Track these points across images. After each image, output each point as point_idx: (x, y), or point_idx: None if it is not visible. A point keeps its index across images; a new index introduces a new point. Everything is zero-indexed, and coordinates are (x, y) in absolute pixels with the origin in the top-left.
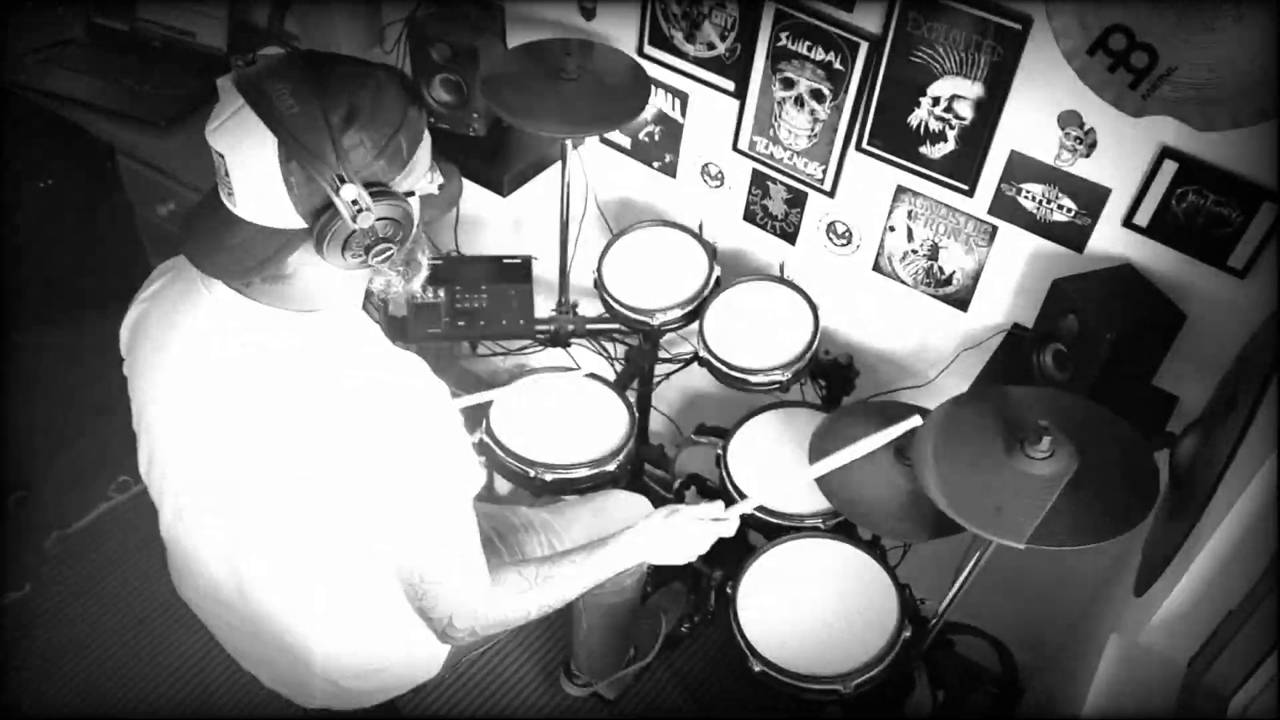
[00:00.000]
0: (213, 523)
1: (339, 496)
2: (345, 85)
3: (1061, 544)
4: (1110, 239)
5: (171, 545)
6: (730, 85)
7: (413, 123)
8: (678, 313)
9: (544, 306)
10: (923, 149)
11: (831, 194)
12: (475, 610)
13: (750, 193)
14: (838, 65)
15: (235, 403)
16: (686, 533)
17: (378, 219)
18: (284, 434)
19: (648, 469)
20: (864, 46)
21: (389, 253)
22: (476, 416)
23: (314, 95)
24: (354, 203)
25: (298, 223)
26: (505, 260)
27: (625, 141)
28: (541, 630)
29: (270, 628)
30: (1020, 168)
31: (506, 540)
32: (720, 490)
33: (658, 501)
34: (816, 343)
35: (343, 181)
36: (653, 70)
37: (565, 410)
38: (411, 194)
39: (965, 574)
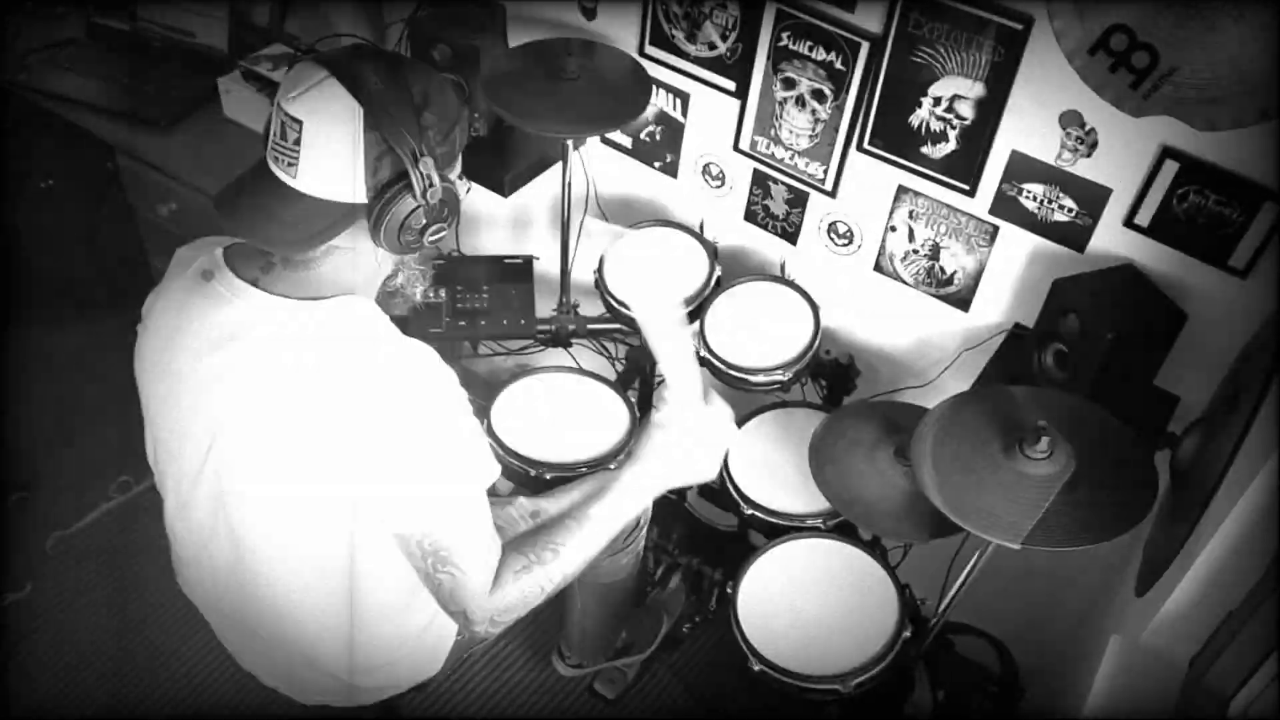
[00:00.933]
0: (217, 513)
1: (349, 486)
2: (419, 75)
3: (1059, 544)
4: (1111, 239)
5: (174, 535)
6: (731, 85)
7: (465, 121)
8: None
9: (545, 306)
10: (924, 149)
11: (833, 194)
12: (488, 605)
13: (751, 193)
14: (839, 65)
15: (243, 392)
16: (682, 446)
17: (439, 199)
18: (293, 424)
19: None
20: (865, 46)
21: (443, 233)
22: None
23: (396, 77)
24: (426, 177)
25: (359, 197)
26: (506, 260)
27: (626, 141)
28: (542, 619)
29: (270, 620)
30: (1021, 168)
31: (504, 534)
32: (721, 490)
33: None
34: (817, 342)
35: (420, 156)
36: (654, 70)
37: (566, 409)
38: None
39: (965, 574)
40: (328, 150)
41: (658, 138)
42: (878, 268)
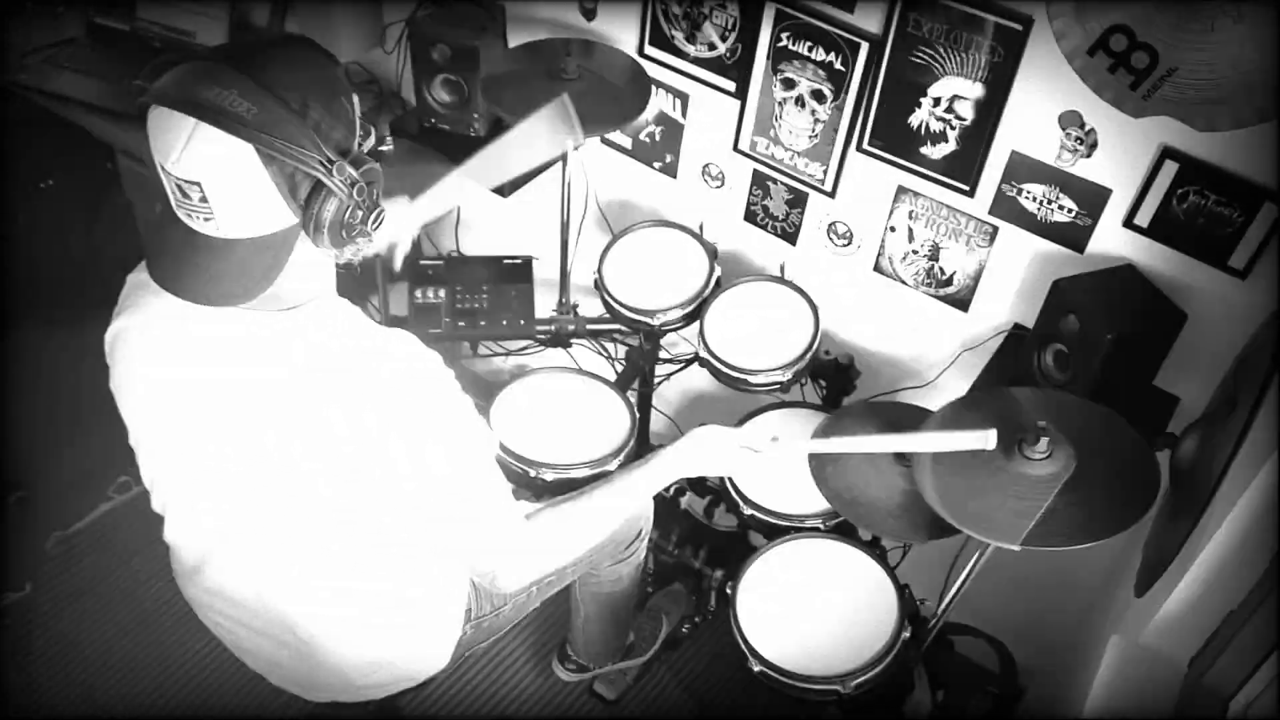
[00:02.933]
0: (221, 527)
1: (358, 477)
2: (281, 67)
3: (1057, 544)
4: (1111, 239)
5: (177, 549)
6: (731, 86)
7: (343, 80)
8: (678, 313)
9: (544, 306)
10: (923, 149)
11: (832, 194)
12: (517, 559)
13: (751, 193)
14: (838, 66)
15: (240, 405)
16: (722, 447)
17: (366, 184)
18: (293, 427)
19: None
20: (865, 47)
21: (382, 215)
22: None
23: (263, 90)
24: (346, 180)
25: (289, 220)
26: (506, 260)
27: (626, 142)
28: (542, 618)
29: (282, 626)
30: (1021, 168)
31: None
32: (721, 491)
33: (661, 502)
34: (817, 343)
35: (331, 163)
36: (653, 70)
37: (566, 410)
38: (375, 154)
39: (965, 574)
40: (238, 195)
41: (657, 138)
42: (877, 268)
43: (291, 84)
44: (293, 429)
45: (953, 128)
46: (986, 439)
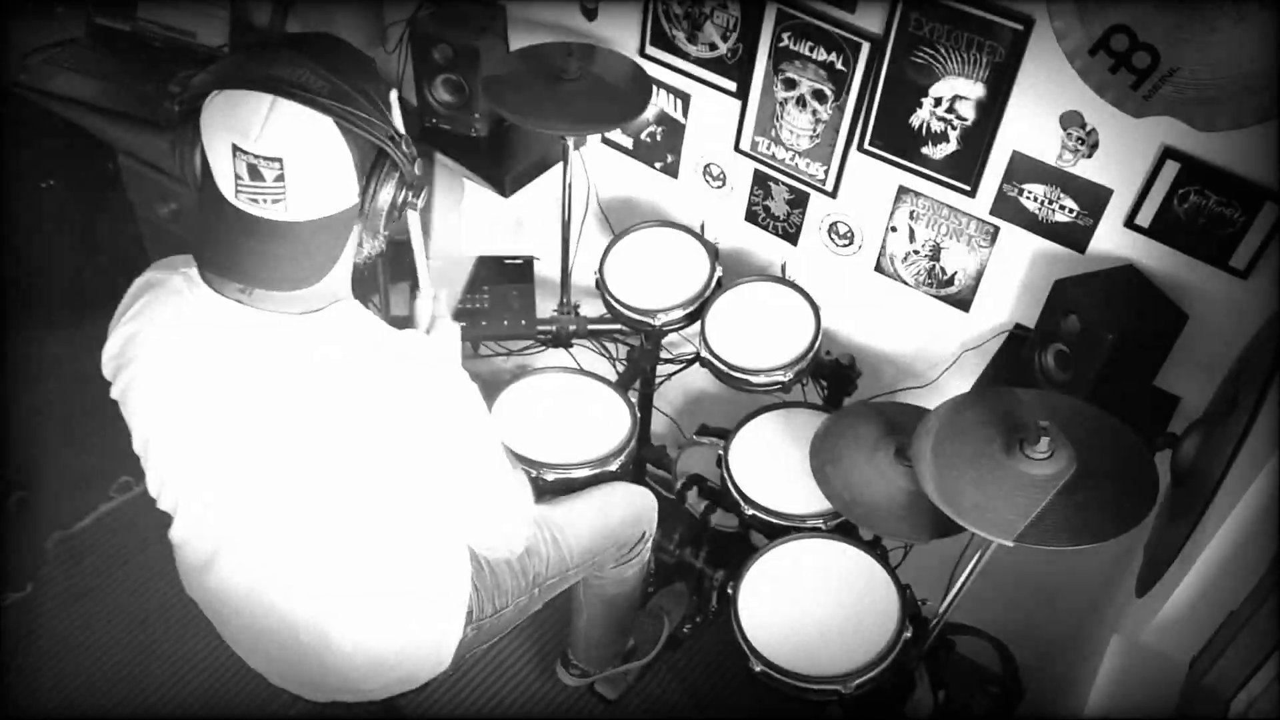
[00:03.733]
0: (235, 525)
1: (370, 480)
2: (333, 54)
3: (1059, 544)
4: (1112, 239)
5: (185, 548)
6: (732, 86)
7: (379, 73)
8: (679, 313)
9: (546, 307)
10: (925, 149)
11: (833, 194)
12: (524, 527)
13: (752, 193)
14: (840, 66)
15: (257, 406)
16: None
17: (415, 160)
18: (313, 429)
19: (649, 469)
20: (866, 47)
21: (425, 189)
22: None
23: (329, 69)
24: (410, 154)
25: (352, 199)
26: (507, 260)
27: (627, 142)
28: (541, 620)
29: (285, 627)
30: (1022, 168)
31: None
32: (722, 491)
33: (663, 502)
34: (818, 343)
35: (399, 136)
36: (654, 71)
37: (567, 410)
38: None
39: (966, 574)
40: (316, 173)
41: (658, 138)
42: (878, 268)
43: (350, 67)
44: (308, 429)
45: (954, 128)
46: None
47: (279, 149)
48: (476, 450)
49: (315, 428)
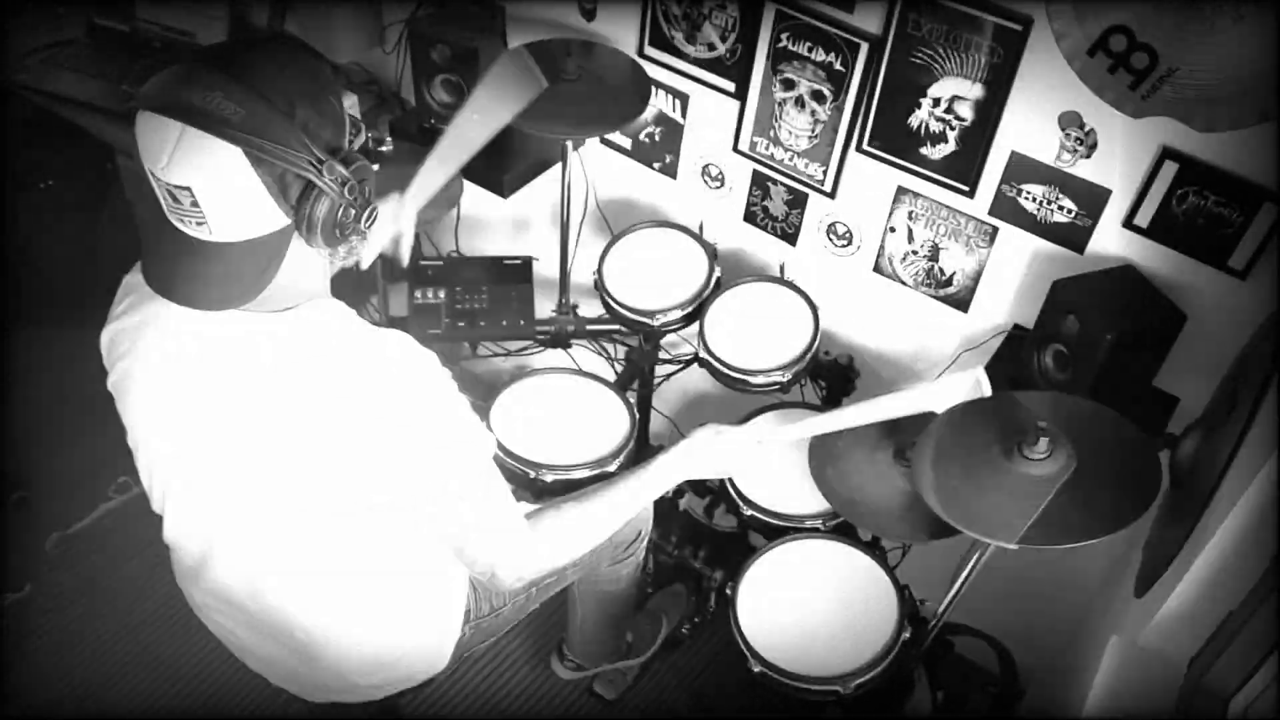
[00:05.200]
0: (222, 529)
1: (362, 483)
2: (266, 68)
3: (1056, 543)
4: (1111, 240)
5: (177, 549)
6: (731, 86)
7: (331, 78)
8: (678, 314)
9: (544, 307)
10: (923, 150)
11: (832, 195)
12: (517, 559)
13: (750, 194)
14: (838, 66)
15: (241, 406)
16: (727, 449)
17: (358, 182)
18: (293, 428)
19: None
20: (864, 47)
21: (375, 213)
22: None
23: (249, 91)
24: (337, 179)
25: (281, 221)
26: (506, 261)
27: (625, 142)
28: (540, 618)
29: (282, 627)
30: (1021, 169)
31: None
32: (721, 491)
33: (661, 502)
34: (817, 344)
35: (321, 163)
36: (653, 71)
37: (566, 411)
38: (375, 154)
39: (965, 575)
40: (229, 199)
41: (657, 138)
42: (877, 269)
43: (277, 84)
44: (288, 429)
45: (952, 128)
46: (979, 384)
47: (187, 178)
48: (449, 458)
49: (295, 426)
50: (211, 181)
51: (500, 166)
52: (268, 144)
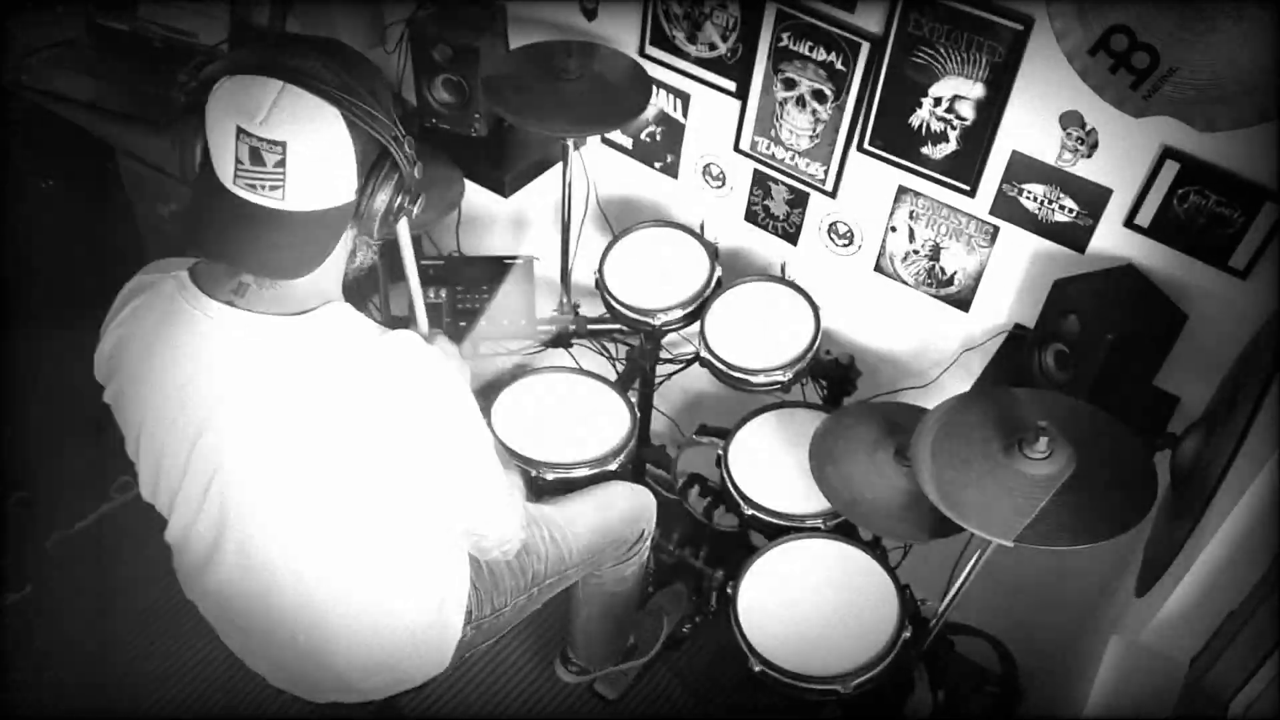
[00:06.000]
0: (225, 529)
1: (361, 479)
2: (341, 53)
3: (1059, 544)
4: (1112, 239)
5: (182, 550)
6: (732, 86)
7: (383, 78)
8: (679, 313)
9: (545, 307)
10: (924, 149)
11: (833, 194)
12: (513, 528)
13: (752, 193)
14: (839, 66)
15: (247, 406)
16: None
17: (415, 164)
18: (310, 429)
19: (649, 469)
20: (865, 47)
21: (422, 198)
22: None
23: (342, 65)
24: (408, 157)
25: (347, 197)
26: (507, 260)
27: (627, 142)
28: (541, 618)
29: (282, 627)
30: (1022, 168)
31: None
32: (722, 491)
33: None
34: (818, 343)
35: (403, 136)
36: (654, 71)
37: (567, 410)
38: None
39: (965, 574)
40: (316, 162)
41: (658, 138)
42: (878, 268)
43: (360, 67)
44: (300, 431)
45: (953, 128)
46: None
47: (284, 133)
48: (466, 450)
49: (307, 429)
50: (308, 138)
51: (501, 166)
52: (366, 108)
